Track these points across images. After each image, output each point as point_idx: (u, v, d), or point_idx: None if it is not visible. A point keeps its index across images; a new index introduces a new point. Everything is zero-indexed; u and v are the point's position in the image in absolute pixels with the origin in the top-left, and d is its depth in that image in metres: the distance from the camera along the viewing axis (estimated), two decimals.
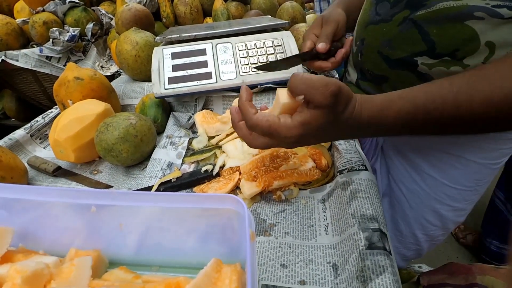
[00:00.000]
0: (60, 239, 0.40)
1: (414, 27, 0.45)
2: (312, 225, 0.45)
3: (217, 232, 0.37)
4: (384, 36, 0.49)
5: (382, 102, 0.37)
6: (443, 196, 0.60)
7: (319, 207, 0.48)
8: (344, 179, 0.47)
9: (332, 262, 0.40)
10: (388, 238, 0.38)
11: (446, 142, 0.54)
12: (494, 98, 0.34)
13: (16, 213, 0.39)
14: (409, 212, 0.66)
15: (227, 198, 0.28)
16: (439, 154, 0.56)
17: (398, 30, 0.47)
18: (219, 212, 0.32)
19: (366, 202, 0.41)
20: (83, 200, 0.33)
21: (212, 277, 0.30)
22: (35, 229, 0.40)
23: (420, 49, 0.45)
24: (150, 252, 0.40)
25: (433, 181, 0.59)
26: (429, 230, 0.67)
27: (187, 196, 0.31)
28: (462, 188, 0.59)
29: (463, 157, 0.54)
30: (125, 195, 0.32)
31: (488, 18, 0.39)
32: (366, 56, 0.55)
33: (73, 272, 0.34)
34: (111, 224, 0.36)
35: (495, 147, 0.54)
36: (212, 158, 0.60)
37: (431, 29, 0.43)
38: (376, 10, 0.52)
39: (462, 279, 0.76)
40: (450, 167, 0.57)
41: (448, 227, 0.67)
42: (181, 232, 0.39)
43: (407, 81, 0.49)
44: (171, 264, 0.39)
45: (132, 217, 0.35)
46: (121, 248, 0.40)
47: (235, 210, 0.29)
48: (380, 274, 0.33)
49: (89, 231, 0.41)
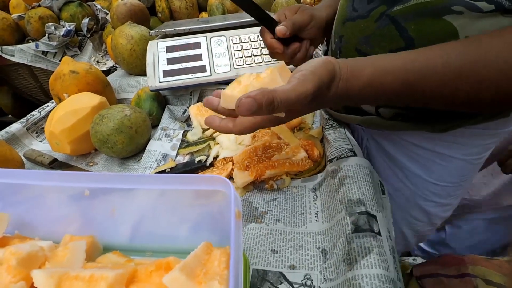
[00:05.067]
0: (55, 226, 0.41)
1: (391, 23, 0.43)
2: (303, 213, 0.46)
3: (208, 219, 0.38)
4: (362, 33, 0.48)
5: (370, 78, 0.38)
6: (427, 193, 0.60)
7: (310, 195, 0.49)
8: (333, 167, 0.48)
9: (322, 247, 0.41)
10: (378, 219, 0.38)
11: (426, 139, 0.54)
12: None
13: (11, 201, 0.40)
14: (395, 210, 0.66)
15: (215, 178, 0.29)
16: (421, 151, 0.56)
17: (376, 26, 0.45)
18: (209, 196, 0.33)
19: (353, 187, 0.42)
20: (76, 183, 0.34)
21: (202, 259, 0.31)
22: (30, 217, 0.41)
23: (398, 46, 0.43)
24: (143, 239, 0.41)
25: (417, 179, 0.59)
26: (415, 226, 0.68)
27: (176, 177, 0.31)
28: (447, 185, 0.59)
29: (445, 154, 0.54)
30: (118, 177, 0.33)
31: (467, 12, 0.37)
32: (344, 54, 0.52)
33: (67, 255, 0.34)
34: (104, 210, 0.37)
35: (477, 143, 0.53)
36: (206, 150, 0.61)
37: (409, 25, 0.42)
38: (353, 6, 0.50)
39: (454, 270, 0.77)
40: (433, 164, 0.56)
41: (435, 222, 0.67)
42: (173, 219, 0.40)
43: None
44: (164, 250, 0.40)
45: (124, 202, 0.36)
46: (114, 235, 0.41)
47: (224, 192, 0.30)
48: (365, 255, 0.34)
49: (83, 218, 0.42)
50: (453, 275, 0.76)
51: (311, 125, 0.65)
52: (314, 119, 0.67)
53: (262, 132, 0.59)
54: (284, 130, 0.58)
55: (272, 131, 0.58)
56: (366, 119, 0.53)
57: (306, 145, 0.56)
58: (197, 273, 0.29)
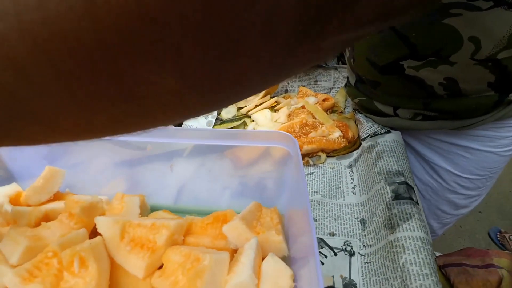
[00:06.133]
0: (103, 186, 0.43)
1: (393, 33, 0.44)
2: (340, 187, 0.47)
3: (253, 181, 0.40)
4: (369, 44, 0.49)
5: None
6: (455, 186, 0.60)
7: (346, 171, 0.50)
8: (369, 143, 0.49)
9: (360, 217, 0.42)
10: (415, 191, 0.39)
11: (450, 134, 0.54)
12: None
13: (63, 159, 0.43)
14: (423, 204, 0.66)
15: (278, 134, 0.31)
16: (446, 146, 0.56)
17: (380, 37, 0.46)
18: (268, 155, 0.34)
19: (392, 160, 0.43)
20: (138, 138, 0.35)
21: (255, 214, 0.33)
22: (80, 176, 0.43)
23: (404, 53, 0.44)
24: (188, 201, 0.43)
25: (444, 172, 0.59)
26: (443, 219, 0.68)
27: (240, 133, 0.33)
28: (475, 177, 0.58)
29: (470, 147, 0.54)
30: (178, 131, 0.34)
31: (466, 13, 0.37)
32: (357, 62, 0.54)
33: (124, 208, 0.36)
34: (161, 166, 0.38)
35: (504, 135, 0.52)
36: (241, 127, 0.62)
37: (410, 33, 0.42)
38: None
39: (478, 261, 0.77)
40: (459, 158, 0.56)
41: (463, 213, 0.67)
42: (218, 182, 0.42)
43: (398, 85, 0.49)
44: (207, 212, 0.42)
45: (179, 158, 0.38)
46: (161, 197, 0.43)
47: (286, 149, 0.31)
48: (407, 219, 0.35)
49: (130, 180, 0.44)
50: (478, 265, 0.76)
51: (343, 109, 0.66)
52: (346, 104, 0.68)
53: (297, 111, 0.60)
54: (319, 110, 0.59)
55: (307, 111, 0.59)
56: (386, 120, 0.54)
57: (341, 126, 0.57)
58: (253, 224, 0.31)
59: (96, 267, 0.28)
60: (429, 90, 0.46)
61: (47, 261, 0.29)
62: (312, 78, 0.73)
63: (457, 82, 0.43)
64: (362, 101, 0.56)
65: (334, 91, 0.71)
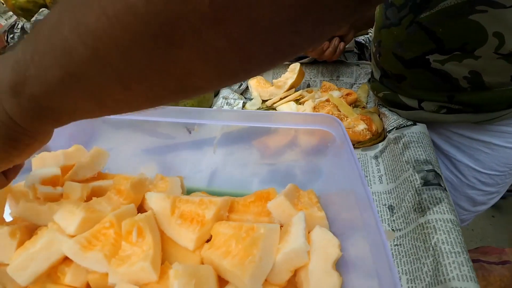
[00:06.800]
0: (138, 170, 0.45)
1: (420, 29, 0.46)
2: (366, 176, 0.49)
3: (285, 165, 0.42)
4: (396, 39, 0.51)
5: None
6: (475, 182, 0.61)
7: (372, 162, 0.52)
8: (395, 135, 0.51)
9: (388, 204, 0.44)
10: (443, 179, 0.41)
11: (471, 129, 0.56)
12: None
13: (102, 139, 0.45)
14: None
15: (322, 116, 0.33)
16: (466, 141, 0.57)
17: (407, 32, 0.49)
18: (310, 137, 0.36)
19: (419, 149, 0.45)
20: (187, 119, 0.38)
21: (294, 194, 0.35)
22: (115, 160, 0.45)
23: (430, 47, 0.47)
24: (221, 184, 0.45)
25: (464, 168, 0.60)
26: (461, 215, 0.69)
27: (285, 115, 0.35)
28: (494, 173, 0.60)
29: (491, 143, 0.55)
30: (220, 112, 0.36)
31: (491, 10, 0.40)
32: (383, 57, 0.57)
33: (168, 186, 0.39)
34: (207, 146, 0.41)
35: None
36: None
37: (437, 29, 0.45)
38: (385, 14, 0.53)
39: (495, 258, 0.78)
40: (479, 153, 0.58)
41: (480, 210, 0.68)
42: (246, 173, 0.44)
43: (423, 79, 0.51)
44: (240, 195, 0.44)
45: (221, 139, 0.40)
46: (196, 180, 0.45)
47: (329, 131, 0.33)
48: (437, 204, 0.37)
49: (165, 164, 0.46)
50: (495, 262, 0.77)
51: (365, 104, 0.68)
52: (368, 99, 0.69)
53: (322, 104, 0.62)
54: (343, 103, 0.61)
55: (332, 104, 0.61)
56: (411, 114, 0.55)
57: (365, 120, 0.59)
58: (295, 202, 0.33)
59: (152, 237, 0.30)
60: (454, 83, 0.48)
61: (105, 231, 0.31)
62: (335, 74, 0.75)
63: (481, 75, 0.45)
64: (387, 95, 0.58)
65: (356, 87, 0.73)
